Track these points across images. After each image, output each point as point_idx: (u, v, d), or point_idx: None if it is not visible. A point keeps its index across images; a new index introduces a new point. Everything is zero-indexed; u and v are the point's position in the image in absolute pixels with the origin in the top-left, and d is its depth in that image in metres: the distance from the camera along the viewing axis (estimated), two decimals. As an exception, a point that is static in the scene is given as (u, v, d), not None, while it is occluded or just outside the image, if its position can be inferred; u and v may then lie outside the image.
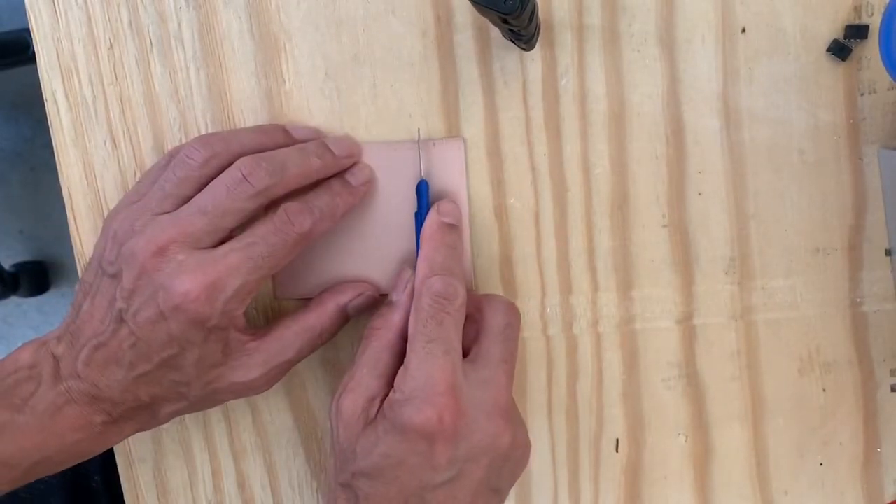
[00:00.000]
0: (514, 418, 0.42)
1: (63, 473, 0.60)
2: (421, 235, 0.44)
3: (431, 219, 0.44)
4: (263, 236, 0.41)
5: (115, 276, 0.41)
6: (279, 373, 0.44)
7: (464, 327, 0.43)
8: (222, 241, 0.41)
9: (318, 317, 0.45)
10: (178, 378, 0.42)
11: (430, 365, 0.40)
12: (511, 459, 0.42)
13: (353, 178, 0.45)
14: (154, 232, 0.41)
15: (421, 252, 0.44)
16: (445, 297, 0.42)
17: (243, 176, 0.41)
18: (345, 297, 0.46)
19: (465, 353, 0.43)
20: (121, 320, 0.41)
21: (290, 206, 0.42)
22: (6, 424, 0.41)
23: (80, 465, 0.44)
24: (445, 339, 0.41)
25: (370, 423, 0.41)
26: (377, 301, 0.47)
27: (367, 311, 0.46)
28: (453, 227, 0.44)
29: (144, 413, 0.43)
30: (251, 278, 0.41)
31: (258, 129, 0.45)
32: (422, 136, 0.46)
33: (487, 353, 0.43)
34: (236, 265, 0.40)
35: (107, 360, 0.41)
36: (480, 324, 0.44)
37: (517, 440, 0.42)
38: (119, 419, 0.43)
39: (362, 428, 0.41)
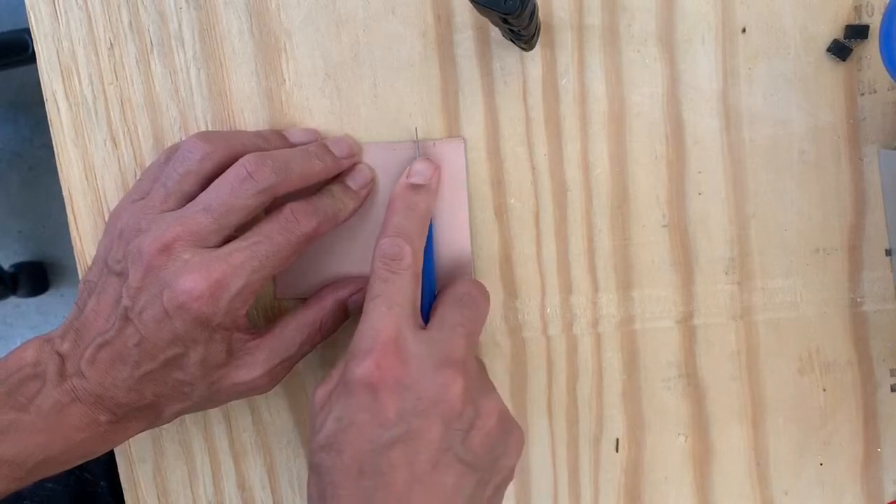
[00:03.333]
0: (472, 377, 0.41)
1: (68, 479, 0.60)
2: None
3: (399, 182, 0.45)
4: (268, 235, 0.41)
5: (122, 274, 0.42)
6: (282, 371, 0.44)
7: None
8: (227, 240, 0.41)
9: (318, 312, 0.45)
10: (183, 377, 0.42)
11: (371, 319, 0.40)
12: (477, 427, 0.40)
13: (353, 181, 0.46)
14: (160, 229, 0.41)
15: (384, 216, 0.44)
16: (391, 256, 0.41)
17: (248, 173, 0.41)
18: (344, 293, 0.46)
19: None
20: (126, 318, 0.41)
21: (295, 206, 0.42)
22: (12, 424, 0.41)
23: (85, 470, 0.44)
24: (389, 296, 0.40)
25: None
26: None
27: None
28: (418, 188, 0.44)
29: (149, 412, 0.43)
30: (255, 277, 0.41)
31: (256, 133, 0.45)
32: (422, 137, 0.46)
33: (442, 318, 0.42)
34: (241, 264, 0.40)
35: (112, 359, 0.41)
36: (440, 296, 0.44)
37: (480, 403, 0.41)
38: (124, 418, 0.43)
39: (323, 405, 0.41)
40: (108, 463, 0.61)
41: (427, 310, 0.44)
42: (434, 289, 0.45)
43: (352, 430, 0.39)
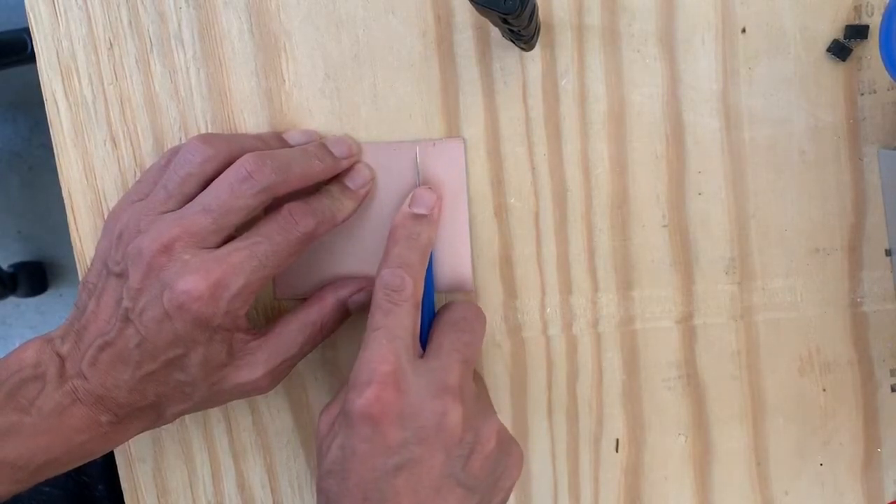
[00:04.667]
0: (470, 403, 0.42)
1: (66, 482, 0.60)
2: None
3: (401, 210, 0.45)
4: (268, 235, 0.42)
5: (122, 276, 0.41)
6: (283, 370, 0.44)
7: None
8: (227, 240, 0.41)
9: (319, 311, 0.45)
10: (184, 378, 0.42)
11: (371, 351, 0.40)
12: (477, 451, 0.41)
13: (352, 182, 0.46)
14: (159, 230, 0.41)
15: (386, 244, 0.44)
16: (392, 287, 0.42)
17: (248, 173, 0.41)
18: (345, 292, 0.46)
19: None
20: (127, 319, 0.41)
21: (293, 206, 0.42)
22: (13, 426, 0.41)
23: (83, 473, 0.44)
24: (390, 328, 0.41)
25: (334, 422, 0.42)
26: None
27: (368, 307, 0.47)
28: (419, 217, 0.44)
29: (150, 413, 0.43)
30: (255, 277, 0.41)
31: (257, 136, 0.45)
32: (422, 137, 0.46)
33: (439, 345, 0.43)
34: (240, 264, 0.40)
35: (113, 360, 0.41)
36: (436, 322, 0.45)
37: (479, 427, 0.42)
38: (125, 419, 0.43)
39: (328, 431, 0.42)
40: (105, 466, 0.61)
41: (426, 334, 0.45)
42: (433, 314, 0.46)
43: (354, 458, 0.39)
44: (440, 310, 0.46)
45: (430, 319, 0.45)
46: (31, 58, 0.47)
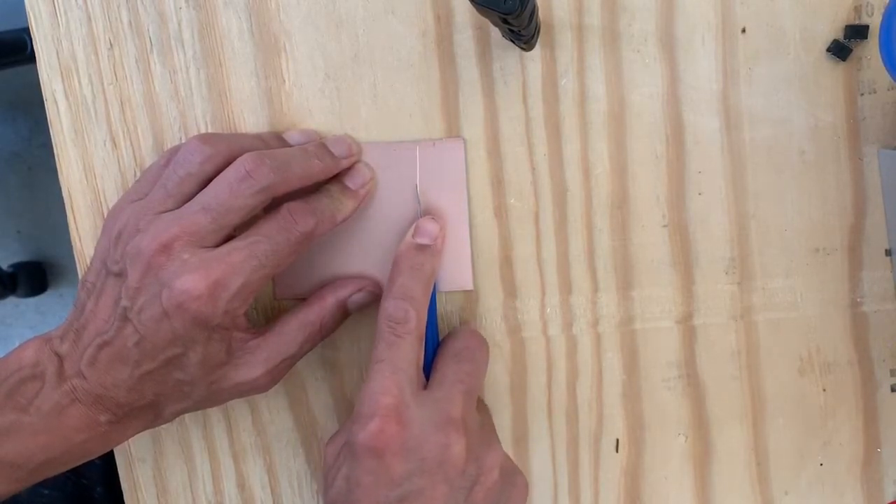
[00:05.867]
0: (473, 434, 0.42)
1: (64, 484, 0.60)
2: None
3: (405, 240, 0.45)
4: (267, 234, 0.41)
5: (120, 275, 0.41)
6: (282, 370, 0.44)
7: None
8: (226, 240, 0.41)
9: (318, 311, 0.45)
10: (183, 377, 0.42)
11: (375, 384, 0.41)
12: (480, 482, 0.42)
13: (352, 181, 0.45)
14: (158, 230, 0.41)
15: (390, 274, 0.44)
16: (396, 320, 0.42)
17: (247, 172, 0.41)
18: (344, 292, 0.46)
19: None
20: (125, 318, 0.41)
21: (293, 206, 0.42)
22: (12, 425, 0.41)
23: (82, 476, 0.44)
24: (394, 360, 0.41)
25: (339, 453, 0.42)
26: (377, 297, 0.47)
27: (367, 307, 0.47)
28: (423, 248, 0.45)
29: (149, 412, 0.43)
30: (254, 277, 0.41)
31: (257, 136, 0.45)
32: (422, 137, 0.46)
33: (442, 376, 0.43)
34: (240, 263, 0.40)
35: (112, 359, 0.41)
36: (439, 352, 0.45)
37: (482, 458, 0.42)
38: (124, 418, 0.43)
39: (333, 461, 0.42)
40: (104, 468, 0.61)
41: (430, 364, 0.45)
42: (437, 343, 0.46)
43: (359, 490, 0.40)
44: (443, 339, 0.46)
45: (433, 348, 0.46)
46: (31, 58, 0.47)
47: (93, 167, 0.48)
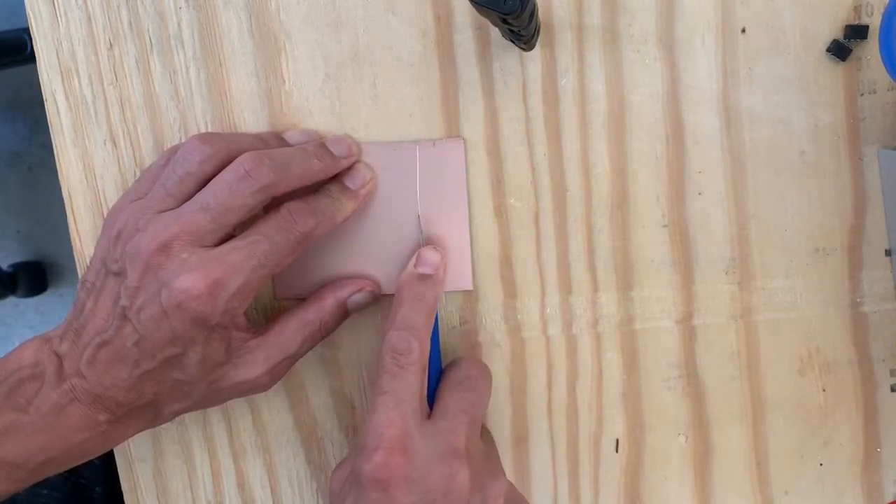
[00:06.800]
0: (477, 464, 0.42)
1: (63, 485, 0.60)
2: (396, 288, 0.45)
3: (407, 270, 0.45)
4: (266, 234, 0.41)
5: (120, 274, 0.41)
6: (282, 369, 0.44)
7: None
8: (226, 239, 0.41)
9: (318, 311, 0.45)
10: (182, 377, 0.42)
11: (379, 416, 0.41)
12: None
13: (352, 181, 0.45)
14: (157, 229, 0.41)
15: (393, 304, 0.44)
16: (399, 351, 0.42)
17: (246, 171, 0.41)
18: (344, 292, 0.46)
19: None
20: (125, 318, 0.41)
21: (293, 206, 0.42)
22: (11, 425, 0.41)
23: (80, 476, 0.44)
24: (397, 393, 0.41)
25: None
26: (377, 297, 0.47)
27: (366, 307, 0.47)
28: (425, 278, 0.45)
29: (148, 412, 0.43)
30: (254, 276, 0.41)
31: (256, 135, 0.45)
32: (422, 137, 0.46)
33: (445, 407, 0.43)
34: (239, 263, 0.40)
35: (111, 359, 0.41)
36: (442, 381, 0.45)
37: (486, 488, 0.42)
38: (123, 418, 0.43)
39: (339, 490, 0.43)
40: (103, 468, 0.61)
41: (433, 392, 0.45)
42: (440, 371, 0.46)
43: None
44: (446, 367, 0.46)
45: (436, 377, 0.46)
46: (31, 58, 0.47)
47: (93, 167, 0.48)
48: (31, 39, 0.47)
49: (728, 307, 0.47)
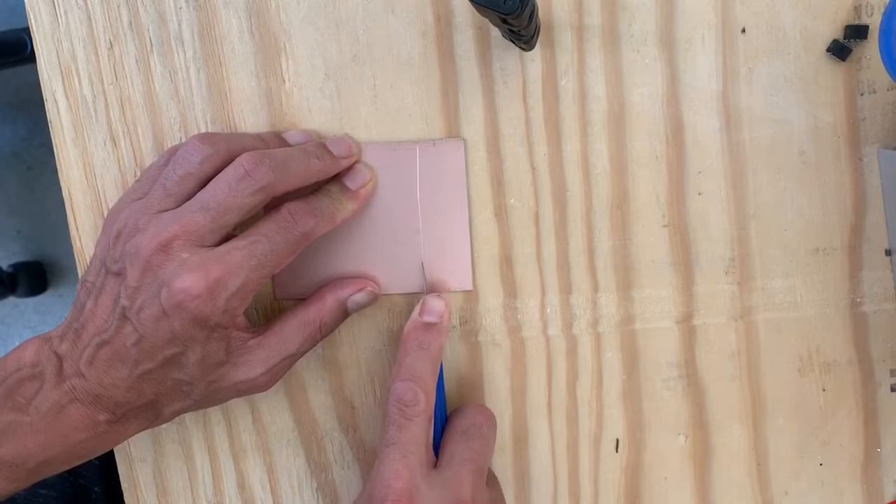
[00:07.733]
0: None
1: (62, 485, 0.60)
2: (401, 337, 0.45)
3: (412, 319, 0.46)
4: (266, 234, 0.42)
5: (120, 274, 0.41)
6: (282, 369, 0.44)
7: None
8: (225, 239, 0.41)
9: (318, 311, 0.45)
10: (182, 377, 0.42)
11: (386, 468, 0.41)
12: None
13: (352, 182, 0.46)
14: (157, 229, 0.41)
15: (399, 352, 0.45)
16: (405, 402, 0.42)
17: (246, 171, 0.41)
18: (344, 292, 0.46)
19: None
20: (124, 317, 0.41)
21: (293, 206, 0.42)
22: (11, 425, 0.41)
23: (79, 476, 0.44)
24: (403, 444, 0.42)
25: None
26: (377, 297, 0.47)
27: (366, 307, 0.47)
28: (430, 326, 0.45)
29: (148, 412, 0.43)
30: (253, 276, 0.41)
31: (256, 135, 0.45)
32: (422, 137, 0.46)
33: (451, 456, 0.44)
34: (239, 263, 0.40)
35: (111, 358, 0.41)
36: (447, 430, 0.46)
37: None
38: (123, 418, 0.43)
39: None
40: (102, 468, 0.61)
41: (438, 439, 0.45)
42: (445, 419, 0.47)
43: None
44: (452, 414, 0.47)
45: (441, 425, 0.46)
46: (31, 58, 0.47)
47: (93, 167, 0.48)
48: (31, 39, 0.47)
49: (728, 307, 0.47)
